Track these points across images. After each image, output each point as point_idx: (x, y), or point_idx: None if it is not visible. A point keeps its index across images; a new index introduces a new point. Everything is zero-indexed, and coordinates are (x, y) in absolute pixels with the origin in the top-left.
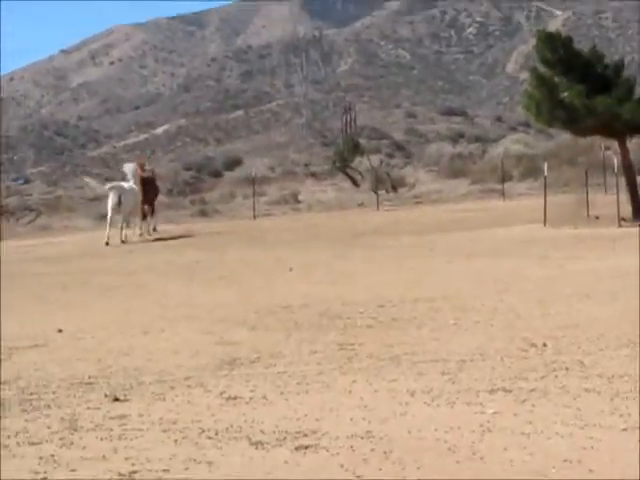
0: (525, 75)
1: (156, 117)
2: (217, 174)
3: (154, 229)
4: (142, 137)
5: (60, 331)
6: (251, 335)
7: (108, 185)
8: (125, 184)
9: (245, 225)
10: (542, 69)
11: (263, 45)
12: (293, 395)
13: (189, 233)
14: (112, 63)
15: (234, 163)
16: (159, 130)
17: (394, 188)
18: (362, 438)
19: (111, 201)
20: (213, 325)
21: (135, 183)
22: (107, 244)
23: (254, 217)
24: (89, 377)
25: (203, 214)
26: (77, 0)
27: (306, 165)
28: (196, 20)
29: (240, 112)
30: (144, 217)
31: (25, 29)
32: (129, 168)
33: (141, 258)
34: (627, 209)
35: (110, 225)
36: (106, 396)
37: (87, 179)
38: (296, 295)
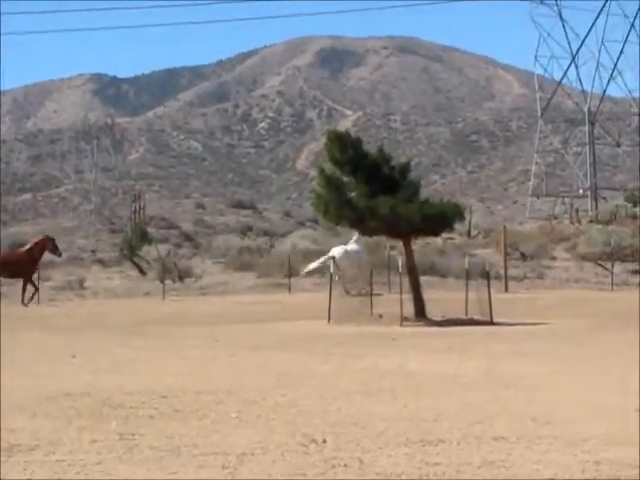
0: (315, 172)
1: None
2: None
3: None
4: None
5: None
6: (30, 422)
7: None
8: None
9: (29, 310)
10: (330, 168)
11: (54, 130)
12: None
13: None
14: None
15: (19, 246)
16: None
17: (181, 278)
18: None
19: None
20: None
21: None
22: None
23: (38, 302)
24: None
25: None
26: None
27: (93, 251)
28: None
29: (27, 195)
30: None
31: None
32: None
33: None
34: (410, 308)
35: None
36: None
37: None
38: (78, 383)
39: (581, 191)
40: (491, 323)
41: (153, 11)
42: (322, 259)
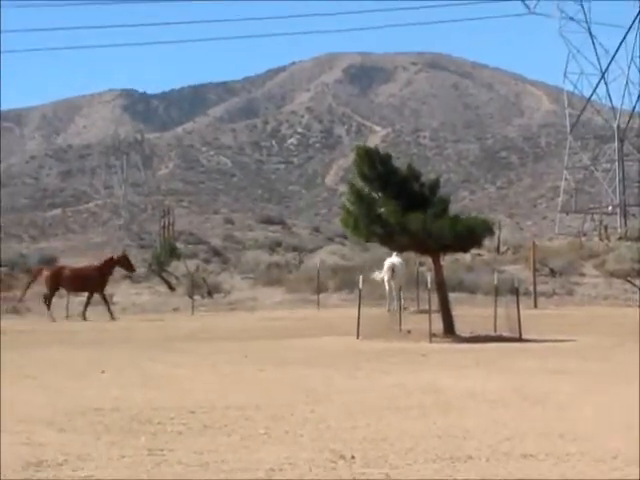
0: (344, 188)
1: None
2: (31, 272)
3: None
4: None
5: None
6: (59, 437)
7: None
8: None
9: (57, 325)
10: (360, 184)
11: (83, 145)
12: None
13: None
14: None
15: (49, 261)
16: None
17: (210, 294)
18: None
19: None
20: (19, 425)
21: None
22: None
23: (67, 317)
24: None
25: (15, 312)
26: None
27: None
28: (16, 117)
29: (57, 211)
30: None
31: None
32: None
33: None
34: (439, 325)
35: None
36: None
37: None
38: (107, 397)
39: (610, 208)
40: (520, 340)
41: (182, 27)
42: (385, 269)
